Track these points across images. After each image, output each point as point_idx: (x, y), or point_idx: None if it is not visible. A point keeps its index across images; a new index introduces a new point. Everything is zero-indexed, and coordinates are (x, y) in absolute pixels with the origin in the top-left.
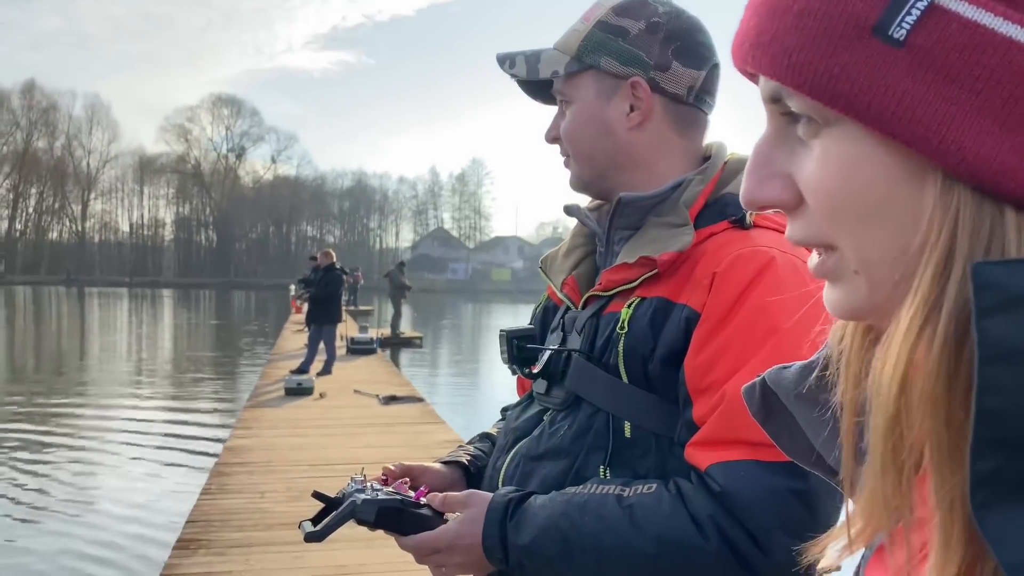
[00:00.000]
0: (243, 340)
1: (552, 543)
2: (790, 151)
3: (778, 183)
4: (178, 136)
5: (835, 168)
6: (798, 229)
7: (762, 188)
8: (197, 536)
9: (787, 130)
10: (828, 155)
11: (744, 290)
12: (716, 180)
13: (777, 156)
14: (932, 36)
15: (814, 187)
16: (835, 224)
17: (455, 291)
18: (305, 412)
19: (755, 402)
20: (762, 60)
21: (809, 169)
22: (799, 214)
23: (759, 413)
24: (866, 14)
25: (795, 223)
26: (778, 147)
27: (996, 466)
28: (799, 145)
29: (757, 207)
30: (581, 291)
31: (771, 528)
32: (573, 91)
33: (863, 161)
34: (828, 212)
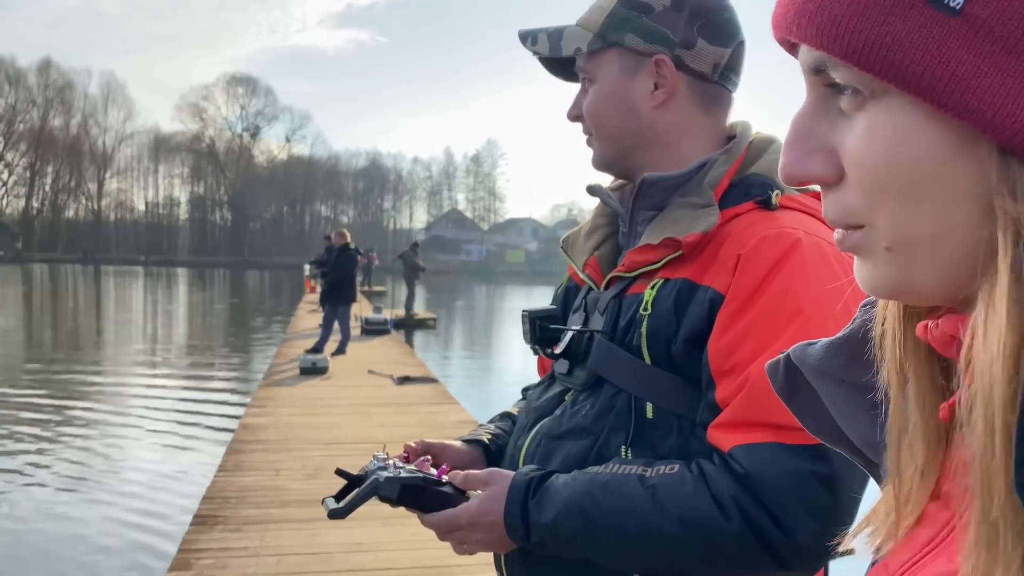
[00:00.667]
0: (257, 319)
1: (574, 521)
2: (831, 124)
3: (820, 157)
4: (193, 115)
5: (881, 142)
6: (834, 206)
7: (803, 162)
8: (214, 512)
9: (828, 102)
10: (874, 129)
11: (769, 272)
12: (741, 160)
13: (819, 129)
14: (990, 5)
15: (857, 162)
16: (876, 200)
17: (469, 273)
18: (320, 391)
19: (779, 379)
20: (808, 29)
21: (853, 143)
22: (837, 190)
23: (783, 390)
24: None
25: (832, 199)
26: (819, 120)
27: None
28: (841, 118)
29: (798, 182)
30: (603, 272)
31: (794, 510)
32: (596, 69)
33: (911, 135)
34: (870, 188)
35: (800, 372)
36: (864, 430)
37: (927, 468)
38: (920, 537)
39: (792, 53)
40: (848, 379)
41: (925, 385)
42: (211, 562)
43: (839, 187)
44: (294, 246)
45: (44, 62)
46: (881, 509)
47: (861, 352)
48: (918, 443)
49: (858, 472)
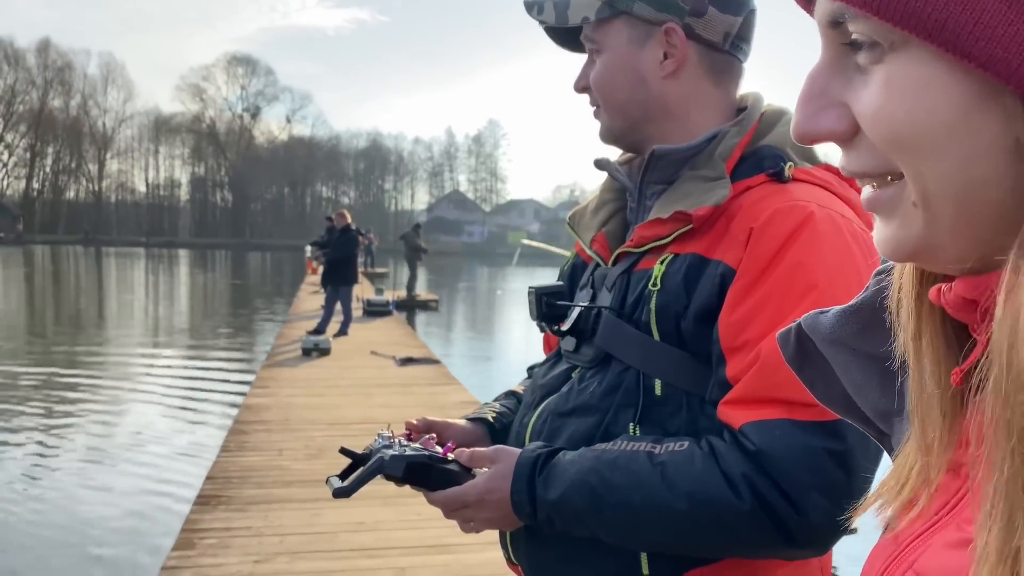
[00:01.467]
0: (259, 300)
1: (582, 498)
2: (846, 80)
3: (834, 113)
4: (193, 95)
5: (899, 93)
6: (854, 160)
7: (816, 119)
8: (217, 492)
9: (844, 59)
10: (892, 80)
11: (782, 246)
12: (753, 132)
13: (833, 85)
14: None
15: (873, 113)
16: (896, 155)
17: (471, 254)
18: (322, 372)
19: (790, 347)
20: None
21: (869, 96)
22: (853, 145)
23: (793, 360)
24: None
25: (850, 154)
26: (834, 76)
27: None
28: (856, 74)
29: (810, 139)
30: (611, 248)
31: (806, 487)
32: (604, 38)
33: (931, 86)
34: (889, 140)
35: (811, 341)
36: (875, 400)
37: (942, 439)
38: (931, 507)
39: (807, 9)
40: (861, 348)
41: (939, 352)
42: (214, 542)
43: (855, 143)
44: (295, 227)
45: (43, 42)
46: (891, 482)
47: (874, 320)
48: (933, 413)
49: (871, 449)
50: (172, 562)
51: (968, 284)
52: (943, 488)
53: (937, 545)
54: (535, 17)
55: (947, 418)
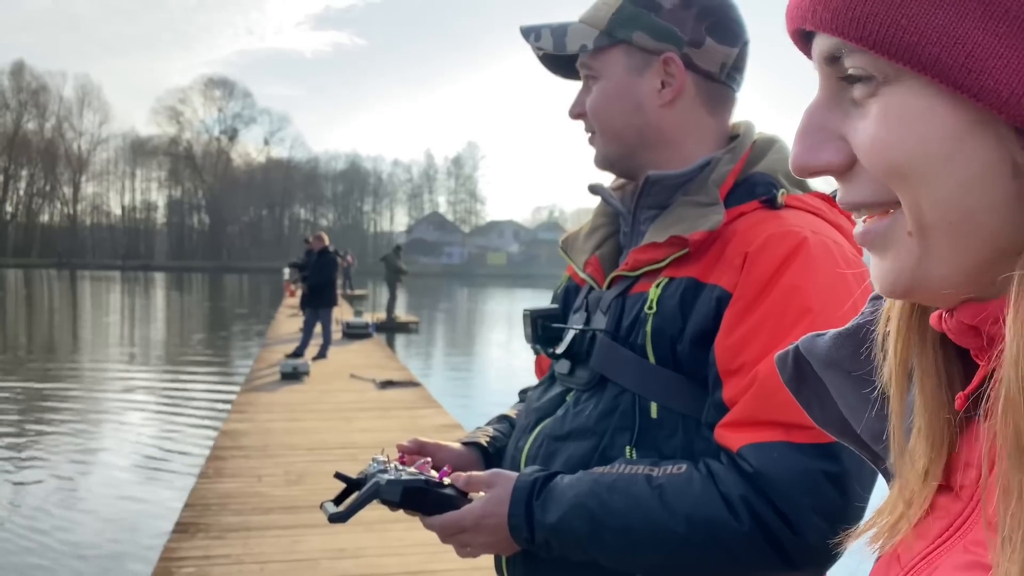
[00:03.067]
0: (236, 324)
1: (580, 522)
2: (843, 114)
3: (832, 147)
4: (170, 118)
5: (895, 123)
6: (852, 192)
7: (816, 152)
8: (195, 520)
9: (841, 94)
10: (888, 112)
11: (776, 270)
12: (745, 159)
13: (830, 120)
14: None
15: (870, 144)
16: (893, 184)
17: (450, 275)
18: (301, 396)
19: (787, 370)
20: (823, 15)
21: (866, 128)
22: (851, 177)
23: (791, 382)
24: None
25: (848, 186)
26: (831, 111)
27: None
28: (853, 108)
29: (809, 173)
30: (605, 271)
31: (804, 509)
32: (602, 66)
33: (925, 117)
34: (885, 170)
35: (809, 364)
36: (871, 423)
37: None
38: (932, 529)
39: (804, 51)
40: (856, 371)
41: (932, 381)
42: (193, 570)
43: (852, 175)
44: (273, 250)
45: (17, 65)
46: (886, 510)
47: (869, 344)
48: (921, 444)
49: (866, 471)
50: None
51: (970, 311)
52: (944, 510)
53: (947, 567)
54: (532, 44)
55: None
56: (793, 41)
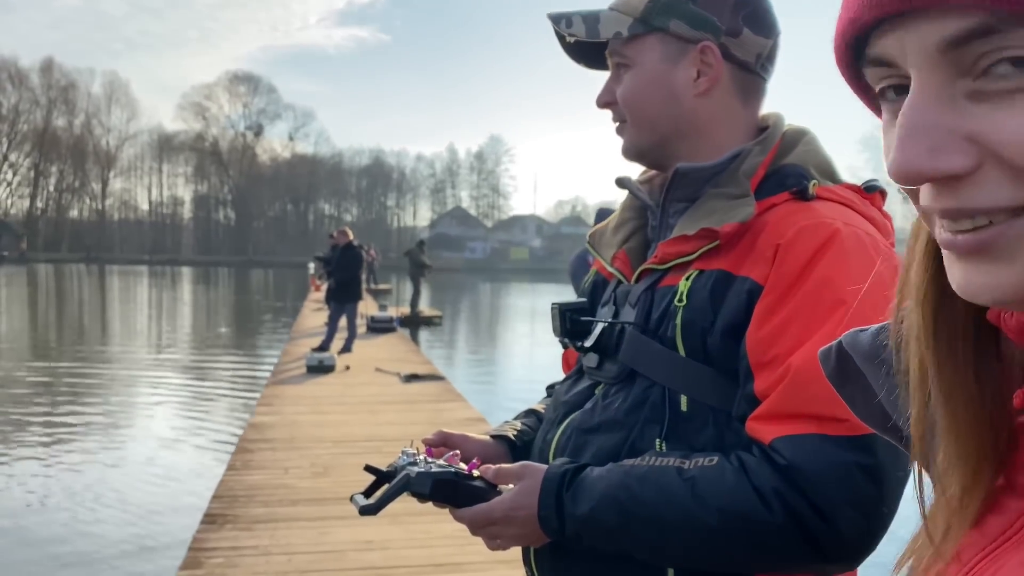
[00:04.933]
0: (263, 318)
1: (611, 514)
2: (959, 112)
3: (954, 148)
4: (196, 114)
5: None
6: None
7: (936, 156)
8: (223, 511)
9: (950, 88)
10: None
11: (809, 262)
12: (775, 151)
13: (944, 118)
14: None
15: None
16: None
17: (473, 270)
18: (327, 389)
19: (830, 365)
20: None
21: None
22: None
23: (834, 376)
24: None
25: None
26: (943, 108)
27: None
28: (970, 101)
29: (924, 179)
30: (633, 265)
31: (838, 502)
32: (636, 54)
33: None
34: None
35: (851, 359)
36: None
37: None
38: (992, 527)
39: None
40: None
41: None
42: (221, 560)
43: (973, 178)
44: (298, 245)
45: (47, 62)
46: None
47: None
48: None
49: (901, 462)
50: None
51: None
52: (1004, 507)
53: (1012, 564)
54: (563, 30)
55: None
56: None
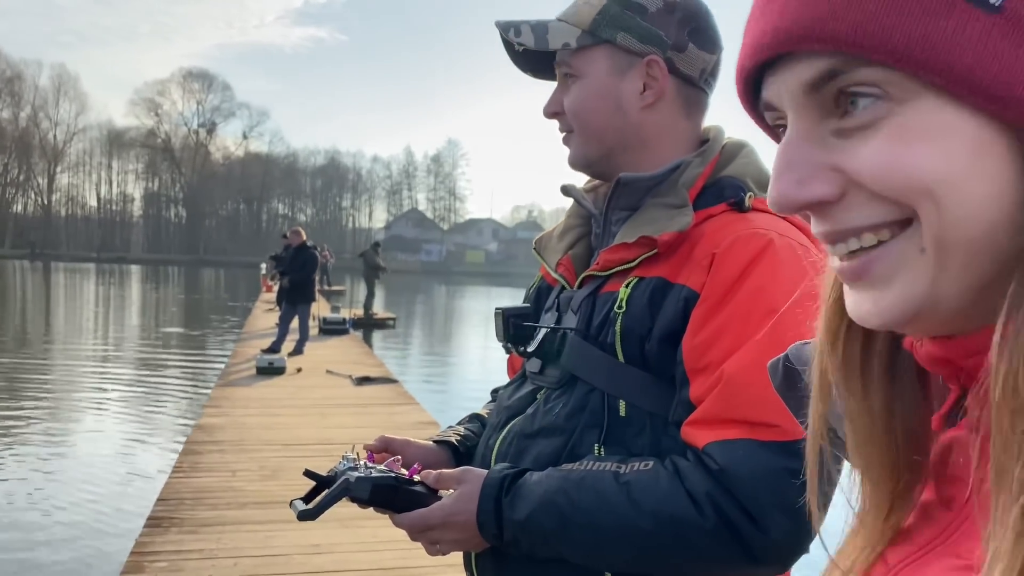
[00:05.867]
0: (213, 317)
1: (548, 518)
2: (825, 147)
3: (821, 178)
4: (148, 110)
5: (917, 142)
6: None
7: (805, 186)
8: (169, 514)
9: (819, 127)
10: (907, 129)
11: (743, 271)
12: (715, 163)
13: (812, 154)
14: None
15: (885, 166)
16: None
17: (429, 272)
18: (277, 391)
19: (778, 376)
20: (837, 30)
21: (877, 150)
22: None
23: (781, 387)
24: None
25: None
26: (811, 144)
27: None
28: (836, 138)
29: (796, 208)
30: (576, 271)
31: (768, 506)
32: (583, 65)
33: (948, 132)
34: (907, 189)
35: (796, 370)
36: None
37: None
38: (921, 536)
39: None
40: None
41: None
42: (165, 565)
43: (840, 204)
44: (250, 244)
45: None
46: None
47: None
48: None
49: (833, 468)
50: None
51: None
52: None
53: (936, 569)
54: (512, 39)
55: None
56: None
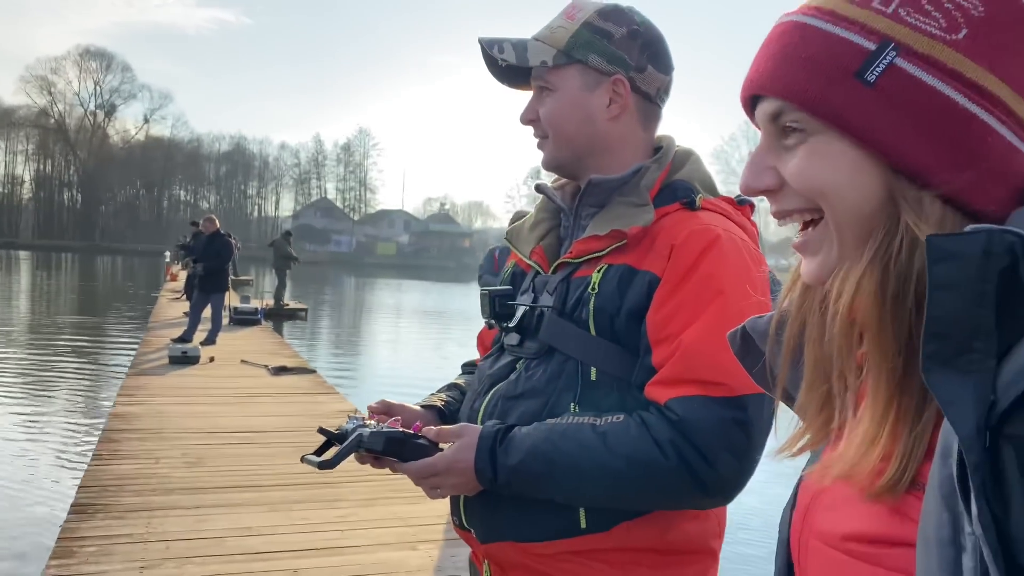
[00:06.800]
0: (115, 306)
1: (537, 463)
2: (775, 155)
3: (769, 174)
4: (40, 88)
5: (818, 160)
6: (782, 204)
7: (758, 178)
8: (92, 501)
9: (776, 142)
10: (812, 151)
11: (696, 260)
12: (669, 168)
13: (768, 159)
14: (890, 81)
15: (798, 173)
16: (816, 199)
17: (338, 263)
18: (192, 380)
19: (736, 342)
20: (776, 86)
21: (796, 163)
22: (782, 195)
23: (739, 352)
24: (850, 64)
25: (779, 200)
26: (768, 153)
27: (936, 348)
28: (783, 152)
29: (753, 192)
30: (548, 259)
31: (718, 449)
32: (558, 80)
33: (836, 155)
34: (809, 189)
35: (751, 337)
36: (795, 378)
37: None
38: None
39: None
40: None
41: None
42: (95, 550)
43: (781, 193)
44: (151, 232)
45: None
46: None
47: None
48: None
49: (765, 418)
50: (52, 571)
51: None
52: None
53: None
54: (496, 55)
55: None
56: (743, 106)
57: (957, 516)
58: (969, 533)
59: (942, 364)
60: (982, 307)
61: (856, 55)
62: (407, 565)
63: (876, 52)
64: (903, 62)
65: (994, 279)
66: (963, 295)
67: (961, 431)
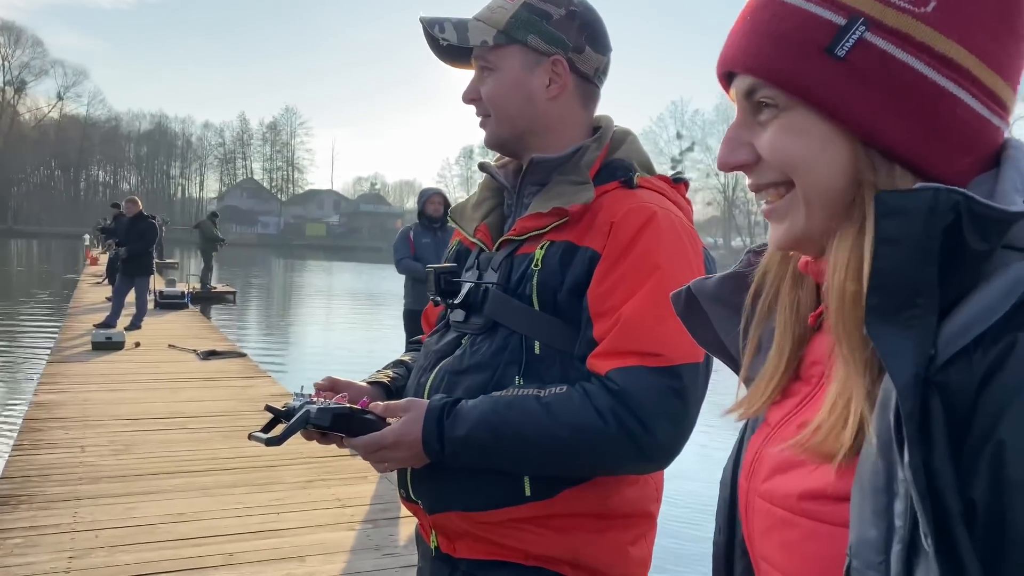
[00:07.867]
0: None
1: (484, 433)
2: (751, 130)
3: (745, 149)
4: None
5: (790, 134)
6: (758, 177)
7: (733, 154)
8: (15, 492)
9: (751, 118)
10: (784, 126)
11: (634, 236)
12: (608, 147)
13: (743, 134)
14: (860, 56)
15: (771, 147)
16: (788, 172)
17: (266, 245)
18: (118, 367)
19: (680, 303)
20: (749, 63)
21: (769, 137)
22: (757, 169)
23: (683, 313)
24: (820, 39)
25: (755, 174)
26: (743, 128)
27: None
28: (757, 127)
29: (729, 168)
30: (493, 236)
31: (656, 416)
32: (499, 60)
33: (807, 130)
34: (782, 163)
35: (696, 299)
36: (739, 341)
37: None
38: (789, 403)
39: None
40: (733, 303)
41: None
42: (20, 541)
43: (757, 167)
44: (68, 214)
45: None
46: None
47: (743, 284)
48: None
49: (700, 386)
50: None
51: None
52: (796, 392)
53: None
54: (437, 34)
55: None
56: (719, 80)
57: (891, 464)
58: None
59: (884, 318)
60: (926, 263)
61: (826, 30)
62: (345, 545)
63: (846, 27)
64: (873, 36)
65: (938, 236)
66: (908, 250)
67: (899, 381)
